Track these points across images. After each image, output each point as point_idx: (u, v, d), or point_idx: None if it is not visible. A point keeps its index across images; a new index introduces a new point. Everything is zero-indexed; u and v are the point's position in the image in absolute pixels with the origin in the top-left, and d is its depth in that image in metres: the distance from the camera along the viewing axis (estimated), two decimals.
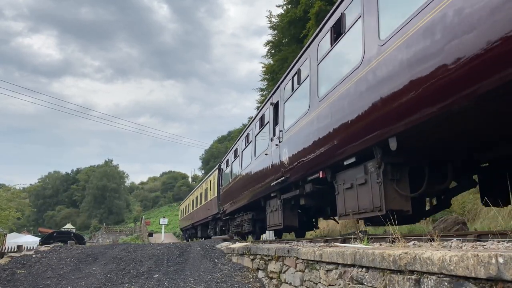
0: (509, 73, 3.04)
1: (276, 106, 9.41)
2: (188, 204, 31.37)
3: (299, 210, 9.40)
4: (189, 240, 29.05)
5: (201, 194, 24.48)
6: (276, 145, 8.81)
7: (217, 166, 19.87)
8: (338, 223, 12.65)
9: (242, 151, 13.17)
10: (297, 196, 8.15)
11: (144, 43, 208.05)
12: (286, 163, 8.10)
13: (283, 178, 8.32)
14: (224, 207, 16.21)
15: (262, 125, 10.64)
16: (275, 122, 9.34)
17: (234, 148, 15.16)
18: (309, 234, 13.08)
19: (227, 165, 16.59)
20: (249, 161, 11.84)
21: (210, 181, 21.23)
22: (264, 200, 10.57)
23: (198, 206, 25.30)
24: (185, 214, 33.33)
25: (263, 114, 10.56)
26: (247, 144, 12.47)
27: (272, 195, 9.62)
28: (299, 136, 7.39)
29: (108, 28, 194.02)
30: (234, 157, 14.66)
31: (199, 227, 26.18)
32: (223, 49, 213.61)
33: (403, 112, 4.30)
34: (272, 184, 9.03)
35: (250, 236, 15.05)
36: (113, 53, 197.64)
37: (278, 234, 13.13)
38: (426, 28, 3.83)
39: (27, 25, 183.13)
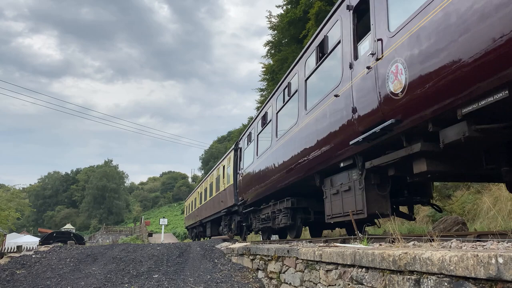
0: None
1: (359, 8, 5.78)
2: (195, 199, 27.46)
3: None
4: (196, 239, 26.01)
5: (211, 185, 20.51)
6: (368, 68, 5.15)
7: (233, 147, 15.79)
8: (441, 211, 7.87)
9: (277, 113, 9.58)
10: (410, 158, 4.77)
11: (145, 44, 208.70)
12: (399, 91, 4.46)
13: (389, 122, 4.64)
14: (245, 196, 12.53)
15: (322, 55, 6.85)
16: (358, 35, 5.79)
17: (261, 114, 11.07)
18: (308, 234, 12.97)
19: (249, 141, 12.58)
20: (292, 122, 8.21)
21: (224, 166, 17.16)
22: (320, 177, 7.15)
23: (207, 199, 21.57)
24: (191, 210, 29.48)
25: (325, 37, 6.76)
26: (287, 98, 8.76)
27: (341, 165, 6.19)
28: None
29: (109, 28, 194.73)
30: (262, 126, 10.82)
31: (209, 225, 22.30)
32: (223, 50, 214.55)
33: None
34: (351, 143, 5.47)
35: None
36: (113, 53, 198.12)
37: (315, 231, 10.54)
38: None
39: (27, 26, 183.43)
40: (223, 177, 16.99)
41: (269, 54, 28.52)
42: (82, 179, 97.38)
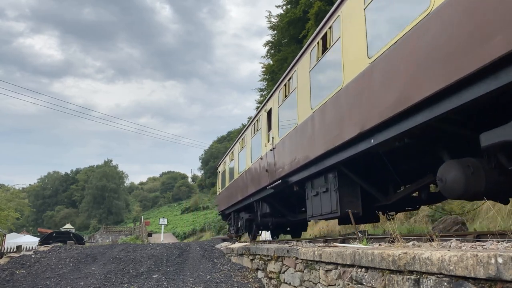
0: None
1: None
2: (254, 138, 10.94)
3: None
4: (248, 235, 13.03)
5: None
6: None
7: None
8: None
9: None
10: None
11: (146, 44, 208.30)
12: None
13: None
14: None
15: None
16: None
17: None
18: (307, 234, 12.96)
19: None
20: None
21: None
22: None
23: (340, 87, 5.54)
24: (237, 173, 12.96)
25: None
26: None
27: None
28: None
29: (110, 28, 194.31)
30: None
31: (333, 184, 6.20)
32: (224, 50, 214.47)
33: None
34: None
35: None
36: (114, 53, 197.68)
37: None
38: None
39: (28, 26, 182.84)
40: None
41: (269, 54, 28.53)
42: (82, 179, 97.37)
